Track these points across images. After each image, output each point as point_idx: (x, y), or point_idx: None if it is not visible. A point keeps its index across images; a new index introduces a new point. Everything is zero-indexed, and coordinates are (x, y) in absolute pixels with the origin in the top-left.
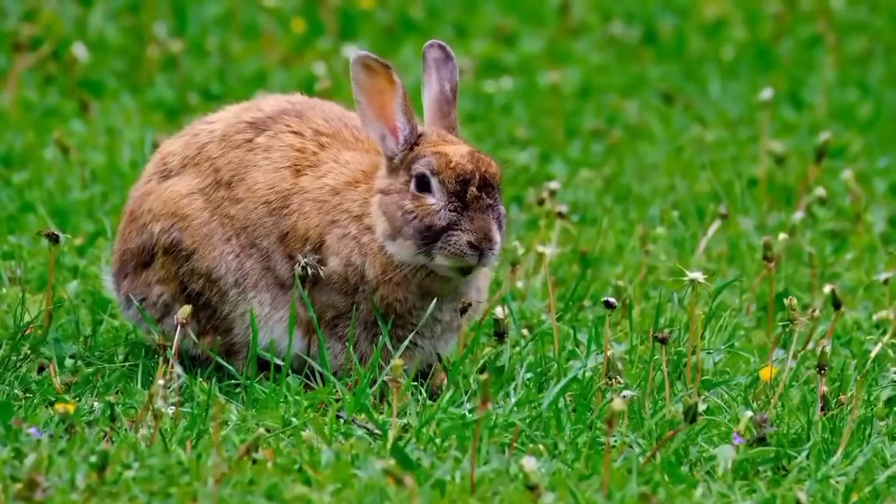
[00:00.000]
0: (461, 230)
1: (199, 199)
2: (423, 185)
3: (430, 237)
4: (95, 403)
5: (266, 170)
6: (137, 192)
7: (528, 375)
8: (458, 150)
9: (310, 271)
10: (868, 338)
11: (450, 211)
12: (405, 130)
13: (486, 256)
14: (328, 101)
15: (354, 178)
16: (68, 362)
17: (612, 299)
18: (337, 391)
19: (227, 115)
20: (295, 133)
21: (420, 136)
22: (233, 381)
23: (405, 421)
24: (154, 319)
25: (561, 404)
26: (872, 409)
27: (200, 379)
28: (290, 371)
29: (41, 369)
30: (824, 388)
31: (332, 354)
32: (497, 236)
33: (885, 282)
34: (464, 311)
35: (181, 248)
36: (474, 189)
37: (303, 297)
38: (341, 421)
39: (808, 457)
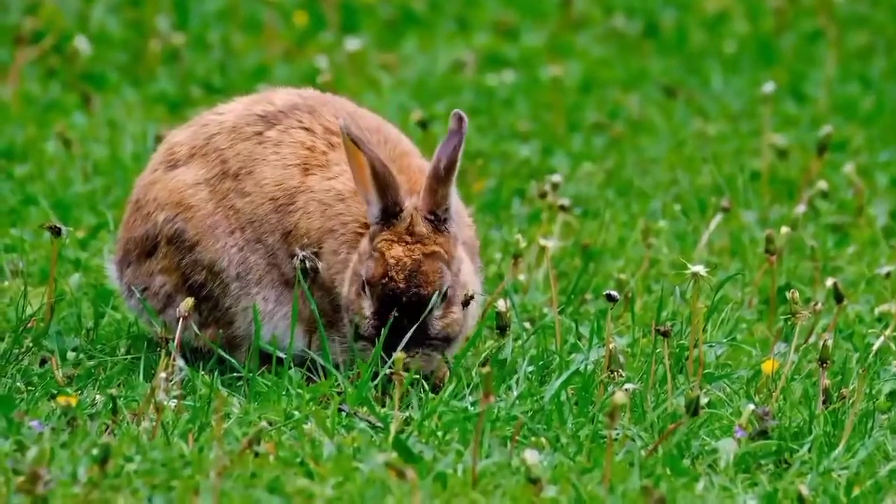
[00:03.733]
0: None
1: (204, 189)
2: (363, 286)
3: (357, 336)
4: (97, 396)
5: (275, 165)
6: (143, 180)
7: (531, 368)
8: (402, 261)
9: (308, 265)
10: (870, 331)
11: (372, 326)
12: (378, 205)
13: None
14: (339, 96)
15: None
16: (70, 355)
17: (614, 292)
18: (339, 384)
19: (237, 106)
20: (306, 129)
21: (400, 212)
22: (235, 375)
23: (407, 414)
24: (156, 310)
25: (563, 397)
26: (874, 402)
27: (202, 372)
28: (291, 364)
29: (43, 362)
30: (826, 382)
31: (331, 352)
32: (409, 368)
33: (888, 275)
34: (466, 303)
35: (184, 239)
36: (397, 312)
37: (305, 293)
38: (343, 414)
39: (809, 450)
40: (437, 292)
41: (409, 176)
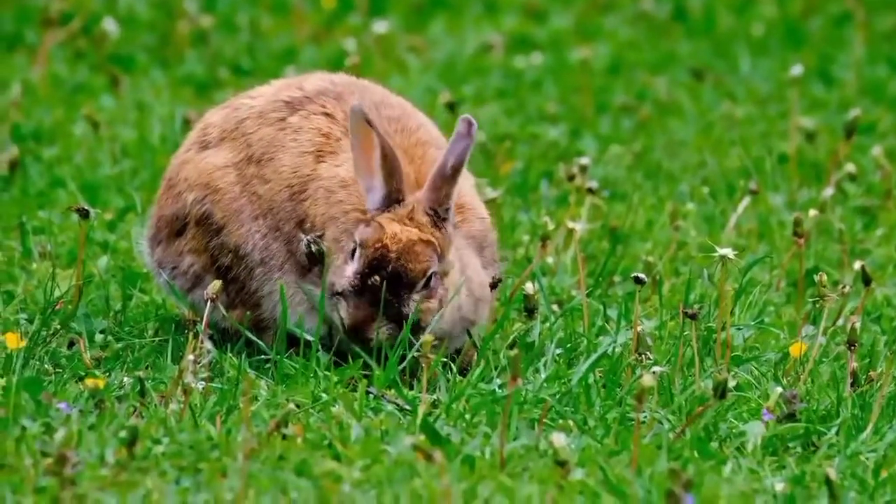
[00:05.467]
0: (348, 306)
1: (232, 173)
2: (354, 250)
3: (331, 294)
4: (125, 379)
5: (292, 153)
6: (177, 159)
7: (558, 351)
8: (399, 236)
9: (314, 248)
10: None
11: (350, 284)
12: (382, 191)
13: (358, 341)
14: (373, 84)
15: None
16: (98, 337)
17: (641, 275)
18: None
19: (269, 90)
20: (327, 115)
21: (400, 201)
22: (263, 357)
23: (435, 396)
24: (184, 289)
25: (591, 380)
26: None
27: (230, 354)
28: (319, 347)
29: (71, 344)
30: (854, 365)
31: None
32: (368, 336)
33: None
34: (493, 286)
35: (212, 222)
36: (377, 279)
37: (315, 277)
38: (371, 396)
39: (837, 433)
40: (423, 273)
41: (419, 167)
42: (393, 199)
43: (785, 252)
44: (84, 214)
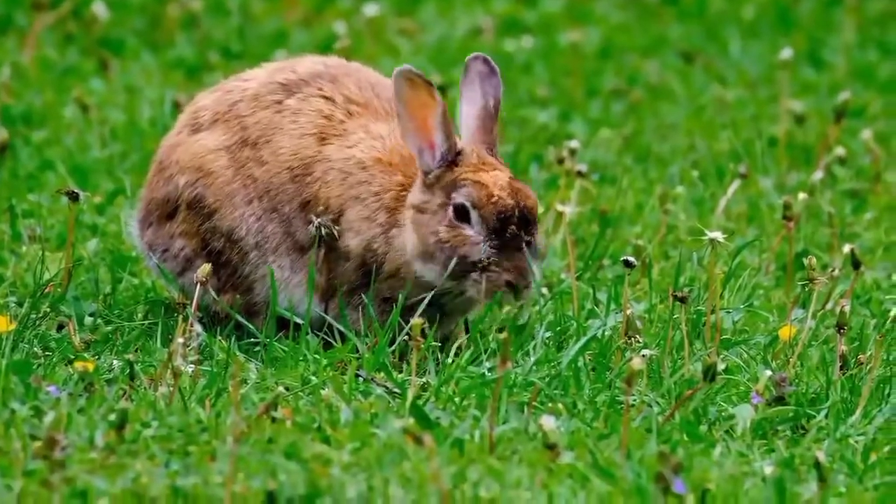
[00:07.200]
0: (500, 268)
1: (224, 156)
2: (461, 215)
3: (464, 268)
4: (115, 362)
5: (292, 135)
6: (168, 142)
7: (548, 334)
8: (499, 181)
9: (324, 231)
10: (887, 297)
11: (490, 247)
12: (443, 147)
13: (521, 295)
14: (365, 66)
15: (390, 160)
16: (88, 320)
17: (631, 258)
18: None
19: (261, 73)
20: (326, 98)
21: (458, 154)
22: (252, 340)
23: (424, 380)
24: (175, 272)
25: (580, 363)
26: (892, 368)
27: (220, 337)
28: (309, 330)
29: (60, 327)
30: (843, 348)
31: (349, 322)
32: (534, 276)
33: None
34: None
35: (203, 205)
36: (514, 227)
37: (318, 263)
38: (360, 379)
39: (826, 416)
40: (538, 205)
41: None
42: (451, 154)
43: (774, 235)
44: (74, 197)
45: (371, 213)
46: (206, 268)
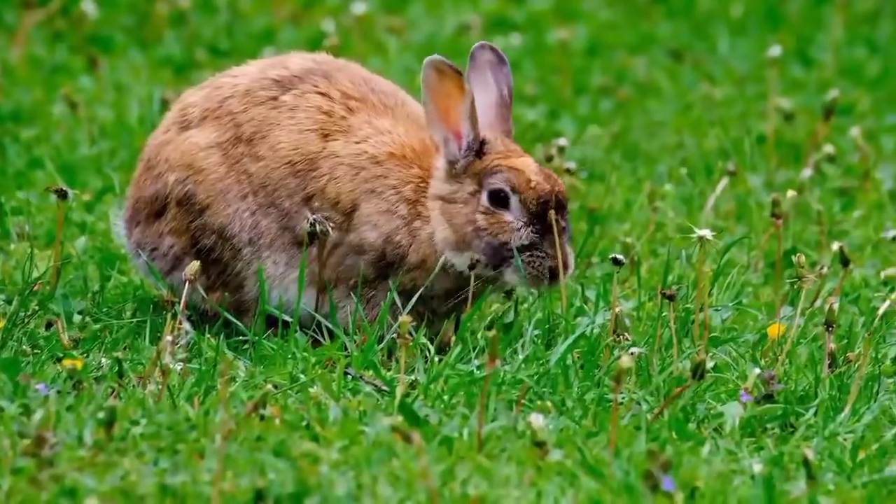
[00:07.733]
0: (544, 254)
1: (216, 153)
2: (498, 200)
3: (504, 254)
4: (103, 359)
5: (290, 130)
6: (155, 140)
7: (536, 332)
8: (531, 167)
9: (318, 228)
10: (876, 295)
11: (532, 232)
12: (469, 137)
13: (558, 280)
14: (352, 62)
15: (402, 153)
16: (76, 318)
17: (620, 256)
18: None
19: (251, 69)
20: (322, 94)
21: (483, 143)
22: (241, 338)
23: (413, 377)
24: (164, 271)
25: (569, 361)
26: (880, 366)
27: (208, 335)
28: (297, 328)
29: (49, 325)
30: (832, 346)
31: (345, 312)
32: (574, 262)
33: (894, 239)
34: None
35: (194, 202)
36: (553, 212)
37: (317, 257)
38: (349, 377)
39: (815, 414)
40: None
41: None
42: (477, 143)
43: (763, 233)
44: (62, 195)
45: (391, 206)
46: (194, 265)
